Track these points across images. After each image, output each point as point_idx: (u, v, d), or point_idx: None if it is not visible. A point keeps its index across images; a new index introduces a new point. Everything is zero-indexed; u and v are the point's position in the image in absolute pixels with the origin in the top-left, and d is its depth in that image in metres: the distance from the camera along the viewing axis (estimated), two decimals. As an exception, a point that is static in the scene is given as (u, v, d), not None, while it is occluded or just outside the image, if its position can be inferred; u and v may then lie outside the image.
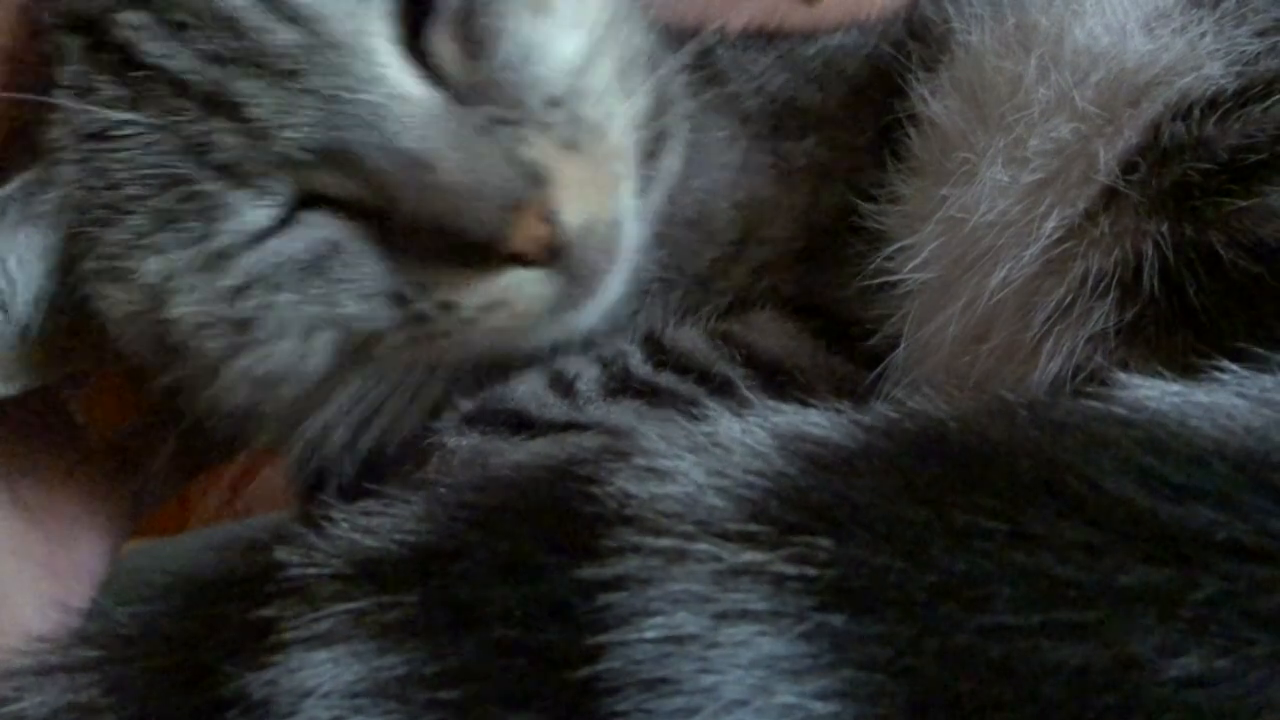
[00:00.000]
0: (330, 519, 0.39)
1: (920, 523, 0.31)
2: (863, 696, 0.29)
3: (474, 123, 0.60)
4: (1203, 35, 0.59)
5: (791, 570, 0.31)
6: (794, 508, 0.33)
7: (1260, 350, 0.40)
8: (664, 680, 0.30)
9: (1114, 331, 0.57)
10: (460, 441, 0.66)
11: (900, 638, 0.30)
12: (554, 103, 0.63)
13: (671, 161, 0.76)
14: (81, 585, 0.68)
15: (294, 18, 0.58)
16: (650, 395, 0.69)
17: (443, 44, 0.62)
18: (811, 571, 0.31)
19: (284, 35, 0.58)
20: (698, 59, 0.78)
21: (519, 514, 0.36)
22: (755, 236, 0.77)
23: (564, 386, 0.70)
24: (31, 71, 0.61)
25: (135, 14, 0.59)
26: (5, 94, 0.60)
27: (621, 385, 0.70)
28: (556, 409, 0.68)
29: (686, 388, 0.69)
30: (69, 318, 0.64)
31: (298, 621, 0.35)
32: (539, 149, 0.61)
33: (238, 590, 0.38)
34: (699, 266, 0.76)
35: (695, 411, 0.39)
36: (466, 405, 0.69)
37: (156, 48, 0.58)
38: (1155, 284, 0.56)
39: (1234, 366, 0.38)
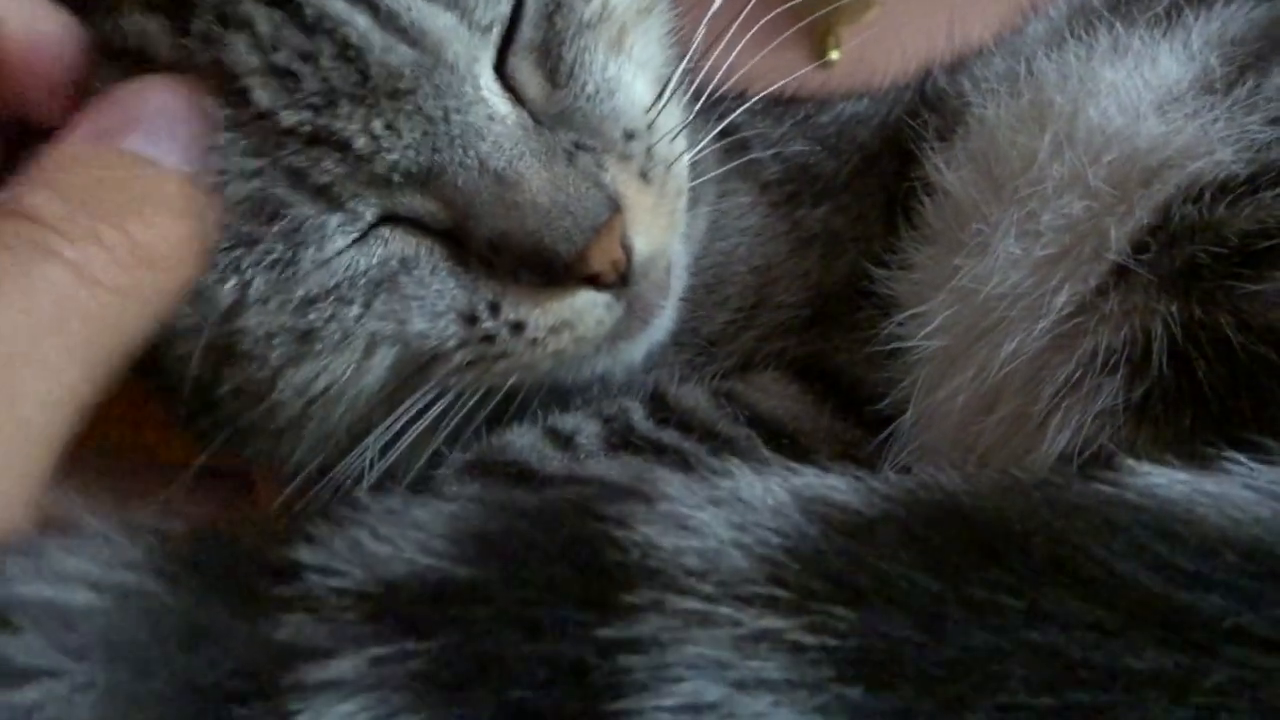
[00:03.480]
0: (355, 521, 0.39)
1: (937, 596, 0.32)
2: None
3: (559, 145, 0.63)
4: (1214, 121, 0.60)
5: (811, 640, 0.31)
6: (814, 574, 0.33)
7: (1269, 442, 0.41)
8: (680, 750, 0.31)
9: (1122, 409, 0.57)
10: (461, 492, 0.66)
11: (917, 713, 0.30)
12: (631, 135, 0.66)
13: (698, 225, 0.78)
14: None
15: (415, 39, 0.59)
16: (652, 452, 0.70)
17: (524, 69, 0.64)
18: (831, 642, 0.31)
19: (403, 54, 0.59)
20: (724, 123, 0.80)
21: (542, 553, 0.36)
22: (768, 303, 0.78)
23: (563, 440, 0.70)
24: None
25: (249, 56, 0.59)
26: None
27: (623, 440, 0.70)
28: (557, 462, 0.68)
29: (689, 445, 0.70)
30: None
31: (317, 664, 0.35)
32: (618, 176, 0.64)
33: (254, 594, 0.37)
34: (710, 330, 0.77)
35: (716, 465, 0.40)
36: (462, 456, 0.69)
37: (268, 98, 0.58)
38: (1164, 363, 0.56)
39: (1241, 458, 0.38)
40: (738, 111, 0.80)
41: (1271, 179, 0.57)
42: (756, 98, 0.84)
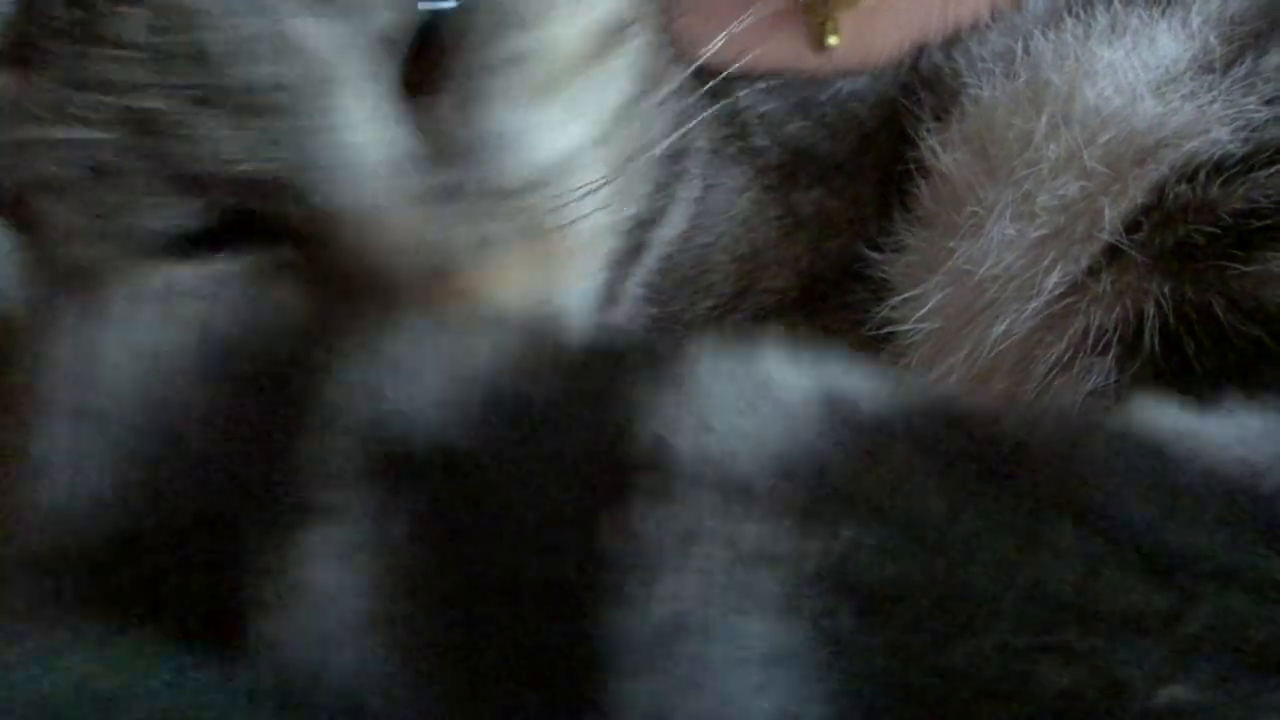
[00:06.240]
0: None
1: (940, 521, 0.31)
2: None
3: (436, 185, 0.58)
4: (1212, 101, 0.60)
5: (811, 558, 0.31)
6: (821, 486, 0.32)
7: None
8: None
9: (1114, 389, 0.57)
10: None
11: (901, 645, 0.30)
12: (527, 189, 0.60)
13: (674, 226, 0.76)
14: None
15: (291, 54, 0.55)
16: None
17: (430, 98, 0.59)
18: (828, 563, 0.31)
19: (274, 69, 0.55)
20: (725, 111, 0.78)
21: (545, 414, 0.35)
22: (754, 288, 0.76)
23: None
24: None
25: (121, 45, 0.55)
26: None
27: None
28: None
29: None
30: None
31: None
32: (491, 228, 0.58)
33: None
34: (691, 316, 0.76)
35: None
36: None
37: (128, 75, 0.55)
38: (1155, 343, 0.56)
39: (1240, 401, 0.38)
40: (737, 93, 0.80)
41: (1266, 158, 0.57)
42: (756, 79, 0.84)
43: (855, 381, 0.36)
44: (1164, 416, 0.35)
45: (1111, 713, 0.29)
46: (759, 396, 0.35)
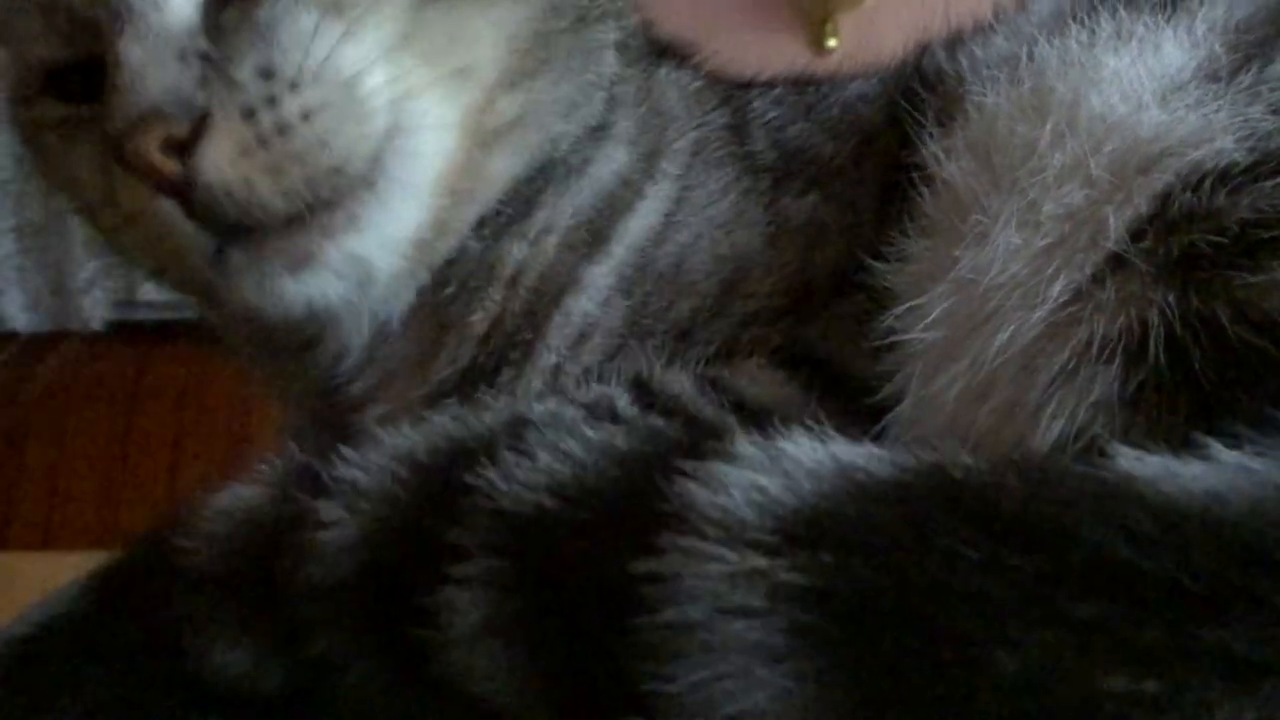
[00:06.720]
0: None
1: (908, 546, 0.36)
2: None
3: (188, 49, 0.64)
4: (1218, 110, 0.59)
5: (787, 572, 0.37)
6: (810, 526, 0.40)
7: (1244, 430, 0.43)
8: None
9: (1117, 399, 0.57)
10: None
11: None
12: (265, 74, 0.64)
13: (644, 219, 0.77)
14: None
15: None
16: None
17: None
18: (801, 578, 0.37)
19: None
20: (733, 114, 0.79)
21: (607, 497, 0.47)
22: (738, 291, 0.76)
23: None
24: None
25: None
26: None
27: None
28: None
29: (673, 431, 0.69)
30: None
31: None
32: (215, 98, 0.63)
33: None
34: (677, 317, 0.76)
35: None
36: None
37: None
38: (1160, 353, 0.56)
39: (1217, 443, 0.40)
40: (749, 100, 0.80)
41: (1272, 168, 0.56)
42: (770, 85, 0.83)
43: (863, 452, 0.44)
44: (1135, 463, 0.38)
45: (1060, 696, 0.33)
46: (774, 464, 0.44)
